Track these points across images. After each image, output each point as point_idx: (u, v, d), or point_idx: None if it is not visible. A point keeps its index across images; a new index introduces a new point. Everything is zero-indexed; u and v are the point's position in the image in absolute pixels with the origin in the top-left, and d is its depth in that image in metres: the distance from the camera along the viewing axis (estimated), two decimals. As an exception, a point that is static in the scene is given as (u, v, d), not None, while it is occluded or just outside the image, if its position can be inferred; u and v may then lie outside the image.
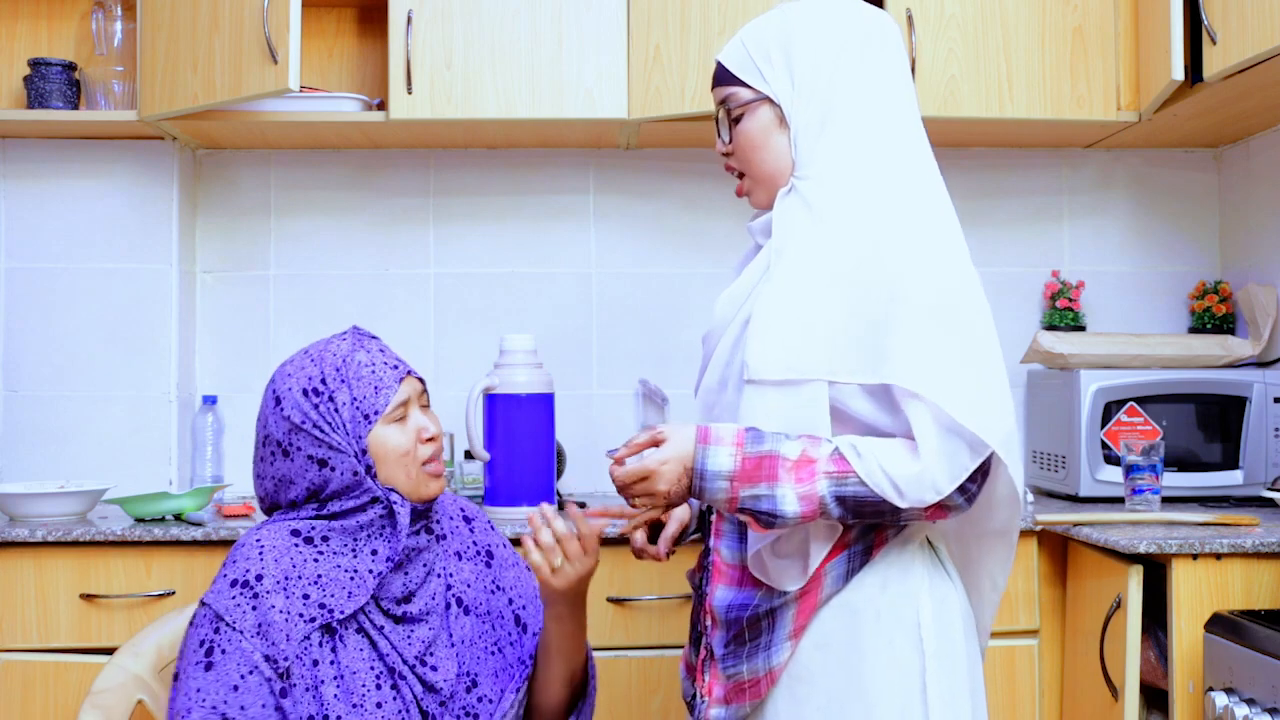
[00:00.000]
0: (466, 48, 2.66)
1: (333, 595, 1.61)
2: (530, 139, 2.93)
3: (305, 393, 1.64)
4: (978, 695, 1.65)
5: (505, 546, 1.85)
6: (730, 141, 1.67)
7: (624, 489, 1.57)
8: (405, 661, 1.63)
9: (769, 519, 1.52)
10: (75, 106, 2.79)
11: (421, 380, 1.74)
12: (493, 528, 1.86)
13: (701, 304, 2.99)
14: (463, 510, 1.84)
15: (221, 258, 3.00)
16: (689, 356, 2.97)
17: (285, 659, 1.56)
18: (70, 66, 2.79)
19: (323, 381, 1.65)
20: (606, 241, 3.03)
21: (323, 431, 1.63)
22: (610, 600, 2.38)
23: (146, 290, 2.86)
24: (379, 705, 1.60)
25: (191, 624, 1.62)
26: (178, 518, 2.46)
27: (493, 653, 1.73)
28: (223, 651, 1.56)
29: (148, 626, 1.95)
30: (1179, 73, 2.40)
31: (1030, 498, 2.74)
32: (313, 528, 1.65)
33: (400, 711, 1.62)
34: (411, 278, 3.02)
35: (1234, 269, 2.99)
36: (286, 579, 1.60)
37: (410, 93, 2.64)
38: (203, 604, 1.61)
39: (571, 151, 3.03)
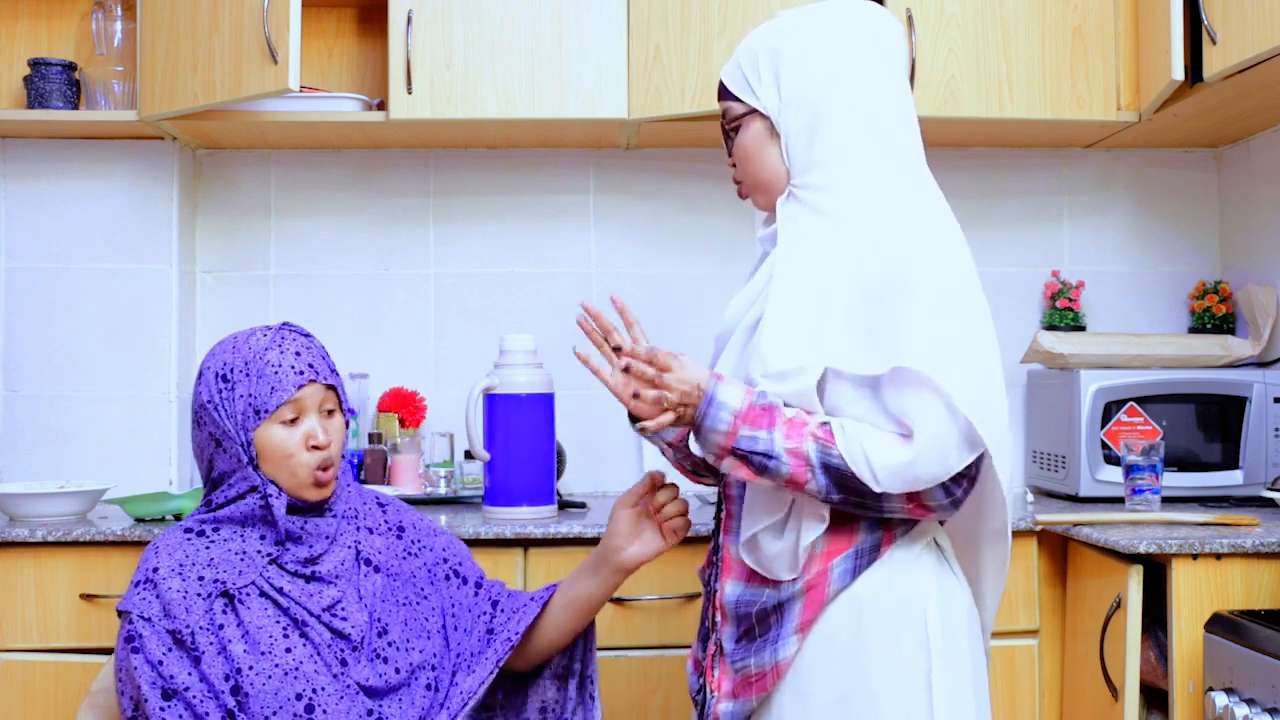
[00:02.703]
0: (466, 48, 2.66)
1: (225, 572, 1.74)
2: (530, 139, 2.93)
3: (216, 375, 1.76)
4: (982, 694, 1.66)
5: (422, 520, 1.95)
6: (733, 152, 1.73)
7: (637, 372, 1.60)
8: (311, 613, 1.74)
9: (762, 460, 1.55)
10: (75, 106, 2.79)
11: (336, 390, 1.80)
12: (407, 510, 1.96)
13: (702, 304, 2.99)
14: (377, 498, 1.94)
15: (221, 258, 3.00)
16: (689, 356, 2.98)
17: (189, 629, 1.69)
18: (70, 66, 2.79)
19: (231, 370, 1.75)
20: (606, 241, 3.03)
21: (219, 414, 1.75)
22: (610, 600, 2.38)
23: (146, 290, 2.86)
24: (288, 650, 1.71)
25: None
26: (177, 518, 2.46)
27: (403, 605, 1.82)
28: (141, 636, 1.70)
29: (147, 626, 1.95)
30: (1179, 73, 2.40)
31: (1030, 498, 2.74)
32: (203, 522, 1.78)
33: (312, 656, 1.72)
34: (411, 278, 3.02)
35: (1234, 269, 2.99)
36: (181, 566, 1.73)
37: (410, 93, 2.64)
38: (119, 612, 1.74)
39: (571, 151, 3.03)
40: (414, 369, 3.00)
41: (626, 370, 1.61)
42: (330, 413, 1.80)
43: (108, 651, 2.21)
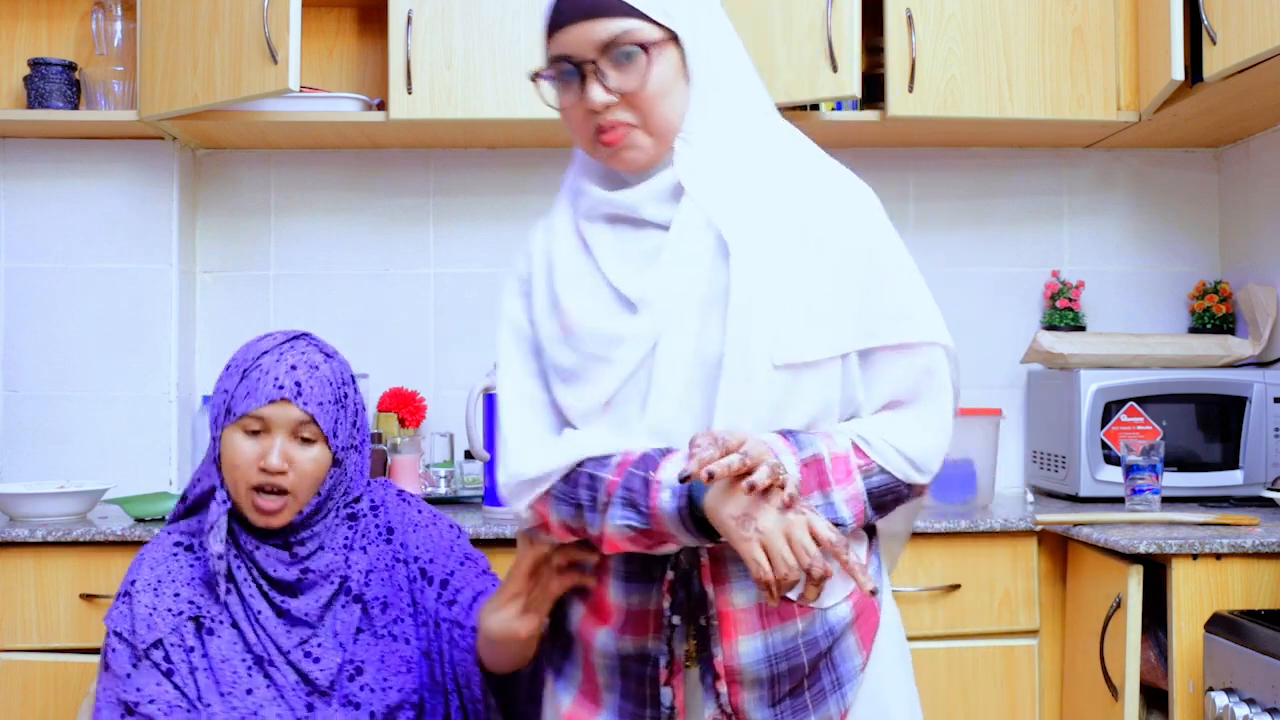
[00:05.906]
0: (466, 48, 2.66)
1: (201, 595, 1.74)
2: (530, 139, 2.93)
3: (226, 366, 1.78)
4: None
5: (420, 514, 1.87)
6: (620, 87, 1.40)
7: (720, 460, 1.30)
8: (280, 651, 1.71)
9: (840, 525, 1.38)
10: (75, 106, 2.79)
11: (313, 417, 1.70)
12: (405, 501, 1.88)
13: (701, 304, 2.99)
14: (372, 500, 1.85)
15: (221, 258, 3.00)
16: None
17: (156, 639, 1.70)
18: (70, 66, 2.79)
19: (232, 362, 1.77)
20: (606, 241, 3.03)
21: (213, 399, 1.77)
22: (610, 600, 2.38)
23: (146, 290, 2.86)
24: (249, 692, 1.69)
25: None
26: (178, 518, 2.46)
27: (381, 637, 1.76)
28: (113, 651, 1.72)
29: (148, 626, 1.95)
30: (1179, 73, 2.40)
31: (1030, 498, 2.74)
32: (189, 535, 1.80)
33: (275, 699, 1.68)
34: (411, 278, 3.02)
35: (1234, 269, 2.99)
36: (159, 582, 1.75)
37: (410, 93, 2.64)
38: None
39: (571, 151, 3.02)
40: (414, 369, 3.00)
41: (711, 477, 1.27)
42: (307, 440, 1.71)
43: (108, 651, 2.21)
